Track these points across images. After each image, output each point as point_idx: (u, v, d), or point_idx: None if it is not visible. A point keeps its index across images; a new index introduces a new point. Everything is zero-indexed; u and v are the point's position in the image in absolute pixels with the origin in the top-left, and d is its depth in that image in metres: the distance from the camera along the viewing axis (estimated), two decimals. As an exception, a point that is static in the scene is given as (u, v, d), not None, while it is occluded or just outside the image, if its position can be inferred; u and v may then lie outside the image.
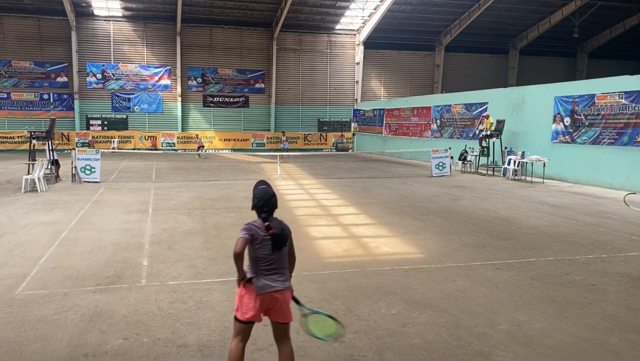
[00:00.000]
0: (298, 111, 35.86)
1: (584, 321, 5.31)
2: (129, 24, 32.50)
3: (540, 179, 17.49)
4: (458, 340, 4.83)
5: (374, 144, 32.81)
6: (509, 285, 6.44)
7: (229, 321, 5.21)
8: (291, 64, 35.32)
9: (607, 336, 4.93)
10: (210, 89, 34.21)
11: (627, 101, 15.49)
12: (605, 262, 7.57)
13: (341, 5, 32.26)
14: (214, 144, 33.83)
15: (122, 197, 13.57)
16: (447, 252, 8.11)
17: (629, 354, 4.59)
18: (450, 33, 35.50)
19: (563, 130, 17.83)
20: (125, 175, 18.81)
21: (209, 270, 7.00)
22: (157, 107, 33.38)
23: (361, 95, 36.49)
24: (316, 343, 4.71)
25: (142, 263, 7.33)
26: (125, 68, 32.65)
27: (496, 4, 31.06)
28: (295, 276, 6.66)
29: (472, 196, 14.26)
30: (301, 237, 9.16)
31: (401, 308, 5.63)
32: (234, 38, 34.20)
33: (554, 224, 10.31)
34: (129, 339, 4.80)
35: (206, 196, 13.78)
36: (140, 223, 10.20)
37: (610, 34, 36.51)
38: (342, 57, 36.18)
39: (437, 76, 37.19)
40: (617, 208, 12.36)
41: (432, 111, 26.43)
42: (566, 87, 18.76)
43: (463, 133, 23.81)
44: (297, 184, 17.05)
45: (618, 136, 15.74)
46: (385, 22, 33.18)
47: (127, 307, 5.59)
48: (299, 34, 34.98)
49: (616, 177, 15.75)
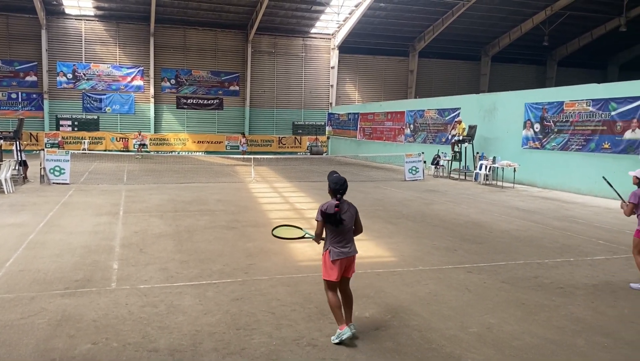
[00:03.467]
0: (273, 113, 35.78)
1: (552, 323, 5.42)
2: (101, 24, 31.98)
3: (510, 184, 17.80)
4: (430, 342, 4.88)
5: (348, 148, 32.94)
6: (479, 288, 6.53)
7: (200, 325, 5.18)
8: (266, 66, 35.24)
9: (574, 338, 5.04)
10: (184, 91, 33.88)
11: (594, 109, 15.88)
12: (573, 265, 7.74)
13: (316, 10, 32.34)
14: (187, 146, 33.50)
15: (93, 199, 13.34)
16: (420, 255, 8.19)
17: (595, 356, 4.70)
18: (424, 39, 35.91)
19: (533, 136, 18.18)
20: (96, 177, 18.49)
21: (180, 273, 6.93)
22: (130, 108, 32.91)
23: (336, 99, 36.61)
24: (289, 347, 4.71)
25: (112, 266, 7.21)
26: (97, 68, 32.11)
27: (469, 11, 31.54)
28: (269, 280, 6.68)
29: (444, 201, 14.43)
30: (275, 240, 9.11)
31: (374, 312, 5.66)
32: (208, 40, 33.96)
33: (523, 229, 10.50)
34: (98, 343, 4.72)
35: (179, 199, 13.64)
36: (110, 226, 10.03)
37: (578, 43, 37.40)
38: (317, 61, 36.26)
39: (411, 81, 37.54)
40: (584, 213, 12.66)
41: (406, 116, 26.67)
42: (536, 94, 19.15)
43: (436, 138, 24.08)
44: (271, 187, 17.00)
45: (586, 143, 16.12)
46: (360, 27, 33.38)
47: (97, 311, 5.49)
48: (274, 37, 34.93)
49: (584, 183, 16.12)
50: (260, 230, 9.89)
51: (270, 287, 6.42)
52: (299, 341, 4.85)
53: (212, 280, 6.65)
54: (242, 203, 13.44)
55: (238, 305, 5.77)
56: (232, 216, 11.19)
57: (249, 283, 6.54)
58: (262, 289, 6.30)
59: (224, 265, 7.35)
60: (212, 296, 6.05)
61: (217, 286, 6.40)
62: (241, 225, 10.27)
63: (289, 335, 4.99)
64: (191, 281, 6.59)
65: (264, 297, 6.03)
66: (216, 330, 5.08)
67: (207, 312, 5.52)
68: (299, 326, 5.20)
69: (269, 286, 6.44)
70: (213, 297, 6.01)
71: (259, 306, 5.74)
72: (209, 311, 5.54)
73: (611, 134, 15.24)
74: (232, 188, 16.38)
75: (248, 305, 5.75)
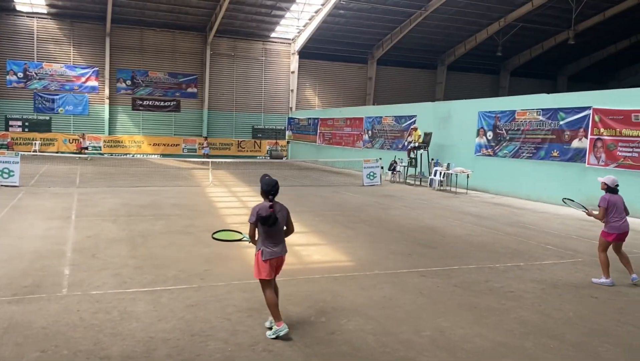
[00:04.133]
0: (232, 117, 35.51)
1: (502, 326, 5.60)
2: (55, 22, 31.05)
3: (464, 190, 18.23)
4: (384, 346, 4.96)
5: (308, 153, 33.02)
6: (433, 292, 6.68)
7: (154, 332, 5.10)
8: (225, 69, 34.97)
9: (522, 341, 5.22)
10: (140, 92, 33.23)
11: (544, 118, 16.47)
12: (523, 270, 8.00)
13: (277, 14, 32.35)
14: (143, 148, 32.85)
15: (43, 202, 12.93)
16: (376, 260, 8.30)
17: (542, 357, 4.88)
18: (383, 47, 36.41)
19: (486, 144, 18.70)
20: (47, 179, 17.92)
21: (134, 279, 6.81)
22: (84, 109, 32.04)
23: (296, 103, 36.66)
24: (245, 353, 4.70)
25: (63, 272, 7.02)
26: (50, 67, 31.14)
27: (426, 20, 32.19)
28: (225, 286, 6.64)
29: (400, 206, 14.66)
30: (232, 246, 9.07)
31: (330, 316, 5.71)
32: (166, 41, 33.45)
33: (476, 234, 10.78)
34: (47, 352, 4.59)
35: (133, 203, 13.37)
36: (62, 230, 9.75)
37: (530, 53, 38.69)
38: (278, 65, 36.24)
39: (370, 88, 37.99)
40: (534, 219, 13.10)
41: (364, 122, 26.97)
42: (489, 102, 19.72)
43: (393, 144, 24.44)
44: (229, 191, 16.88)
45: (536, 151, 16.69)
46: (320, 33, 33.57)
47: (46, 318, 5.33)
48: (234, 40, 34.72)
49: (534, 190, 16.68)
50: (217, 235, 9.81)
51: (227, 293, 6.39)
52: (254, 347, 4.85)
53: (166, 286, 6.56)
54: (199, 207, 13.30)
55: (193, 311, 5.71)
56: (188, 221, 11.05)
57: (204, 289, 6.48)
58: (218, 295, 6.26)
59: (179, 271, 7.26)
60: (167, 302, 5.97)
61: (172, 292, 6.32)
62: (197, 230, 10.16)
63: (245, 340, 4.98)
64: (145, 287, 6.49)
65: (220, 303, 6.00)
66: (170, 336, 5.02)
67: (162, 318, 5.45)
68: (255, 331, 5.20)
69: (225, 292, 6.40)
70: (167, 303, 5.93)
71: (215, 312, 5.70)
72: (163, 318, 5.47)
73: (560, 142, 15.83)
74: (188, 192, 16.18)
75: (203, 311, 5.71)
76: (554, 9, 30.09)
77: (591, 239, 10.52)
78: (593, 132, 14.79)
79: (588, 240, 10.46)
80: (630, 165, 13.63)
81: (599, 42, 37.20)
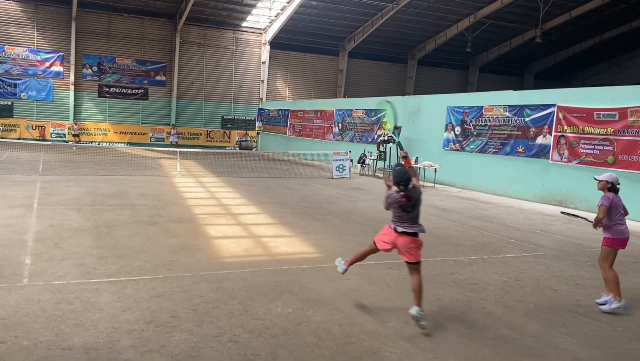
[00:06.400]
0: (201, 106, 35.06)
1: (465, 318, 5.71)
2: (17, 4, 30.03)
3: (431, 184, 18.46)
4: (350, 336, 5.01)
5: (277, 144, 32.91)
6: (399, 284, 6.76)
7: (118, 322, 5.04)
8: (195, 58, 34.47)
9: (484, 332, 5.34)
10: (107, 79, 32.49)
11: (510, 114, 16.79)
12: (486, 263, 8.17)
13: (248, 3, 32.00)
14: (109, 136, 32.20)
15: (4, 190, 12.56)
16: (344, 252, 8.32)
17: (502, 348, 5.01)
18: (354, 40, 36.46)
19: (454, 138, 18.96)
20: (8, 166, 17.41)
21: (98, 269, 6.70)
22: (47, 95, 31.17)
23: (266, 94, 36.42)
24: (210, 344, 4.68)
25: (24, 261, 6.85)
26: (12, 51, 30.14)
27: (398, 14, 32.35)
28: (192, 276, 6.59)
29: (369, 198, 14.77)
30: (199, 236, 9.01)
31: (297, 307, 5.73)
32: (134, 27, 32.75)
33: (442, 227, 10.95)
34: (6, 342, 4.49)
35: (98, 192, 13.11)
36: (23, 219, 9.51)
37: (499, 50, 39.30)
38: (248, 55, 35.92)
39: (340, 81, 38.02)
40: (498, 213, 13.37)
41: (335, 115, 27.00)
42: (458, 98, 19.98)
43: (362, 137, 24.55)
44: (197, 182, 16.71)
45: (502, 146, 17.01)
46: (291, 23, 33.38)
47: (5, 308, 5.21)
48: (204, 28, 34.24)
49: (499, 184, 17.02)
50: (184, 225, 9.72)
51: (193, 284, 6.34)
52: (220, 337, 4.83)
53: (131, 277, 6.48)
54: (166, 197, 13.13)
55: (158, 301, 5.66)
56: (154, 211, 10.91)
57: (170, 280, 6.42)
58: (184, 286, 6.21)
59: (145, 261, 7.17)
60: (132, 293, 5.90)
61: (137, 283, 6.24)
62: (164, 220, 10.04)
63: (211, 331, 4.96)
64: (109, 278, 6.39)
65: (186, 294, 5.95)
66: (135, 327, 4.96)
67: (126, 309, 5.38)
68: (221, 322, 5.18)
69: (192, 283, 6.36)
70: (132, 294, 5.85)
71: (181, 303, 5.66)
72: (127, 308, 5.40)
73: (525, 138, 16.17)
74: (155, 182, 15.95)
75: (169, 302, 5.65)
76: (522, 7, 30.59)
77: (553, 234, 10.82)
78: (557, 129, 15.16)
79: (550, 234, 10.74)
80: (592, 162, 14.00)
81: (564, 41, 38.03)
